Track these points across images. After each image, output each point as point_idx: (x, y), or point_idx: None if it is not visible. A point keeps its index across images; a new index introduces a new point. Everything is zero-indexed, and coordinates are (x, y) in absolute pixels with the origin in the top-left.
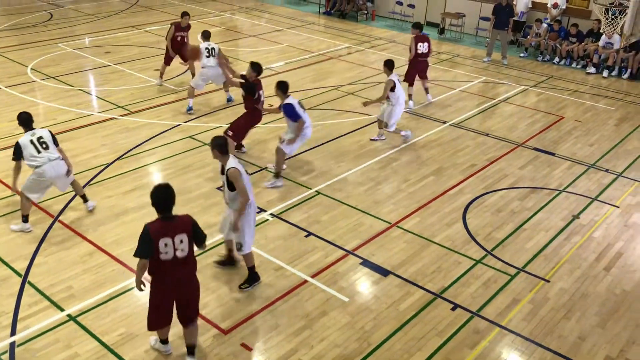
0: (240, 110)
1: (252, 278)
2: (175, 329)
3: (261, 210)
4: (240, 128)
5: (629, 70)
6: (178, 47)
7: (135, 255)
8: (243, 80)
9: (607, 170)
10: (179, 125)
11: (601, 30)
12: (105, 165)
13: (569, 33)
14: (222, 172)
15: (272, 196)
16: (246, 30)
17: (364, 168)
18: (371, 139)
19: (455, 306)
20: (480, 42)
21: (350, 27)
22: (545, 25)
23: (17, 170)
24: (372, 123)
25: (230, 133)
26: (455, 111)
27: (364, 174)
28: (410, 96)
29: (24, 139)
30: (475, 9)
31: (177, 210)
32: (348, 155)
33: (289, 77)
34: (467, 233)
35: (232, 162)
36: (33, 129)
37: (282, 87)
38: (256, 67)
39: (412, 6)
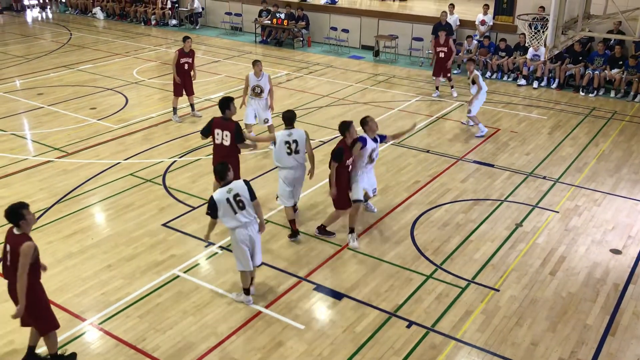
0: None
1: None
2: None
3: (209, 243)
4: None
5: (556, 80)
6: (184, 74)
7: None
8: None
9: (544, 178)
10: (119, 163)
11: (527, 44)
12: (44, 210)
13: (498, 48)
14: None
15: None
16: None
17: (311, 192)
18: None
19: (410, 323)
20: (415, 62)
21: (288, 55)
22: (475, 41)
23: (212, 226)
24: (317, 147)
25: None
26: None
27: (312, 199)
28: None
29: (219, 195)
30: (407, 30)
31: (122, 250)
32: None
33: None
34: (416, 249)
35: None
36: (228, 182)
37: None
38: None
39: (346, 31)
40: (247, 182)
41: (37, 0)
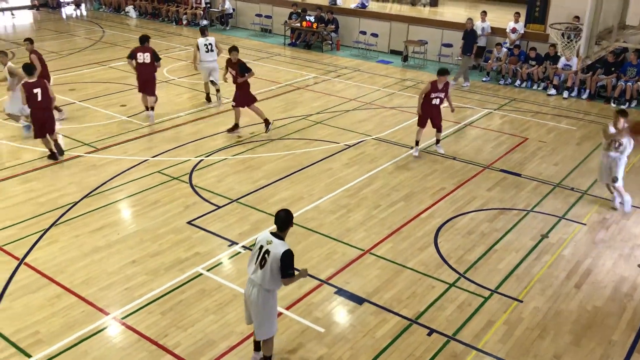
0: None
1: None
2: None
3: (233, 242)
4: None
5: (587, 91)
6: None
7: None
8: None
9: (572, 189)
10: (147, 160)
11: (559, 53)
12: (72, 204)
13: (529, 56)
14: None
15: (244, 228)
16: None
17: (335, 196)
18: None
19: (431, 331)
20: None
21: (316, 58)
22: (505, 49)
23: None
24: (342, 151)
25: (233, 104)
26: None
27: (335, 202)
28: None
29: (261, 235)
30: (437, 36)
31: (147, 246)
32: (319, 183)
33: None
34: (439, 257)
35: None
36: (279, 236)
37: None
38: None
39: (375, 35)
40: (286, 255)
41: None
